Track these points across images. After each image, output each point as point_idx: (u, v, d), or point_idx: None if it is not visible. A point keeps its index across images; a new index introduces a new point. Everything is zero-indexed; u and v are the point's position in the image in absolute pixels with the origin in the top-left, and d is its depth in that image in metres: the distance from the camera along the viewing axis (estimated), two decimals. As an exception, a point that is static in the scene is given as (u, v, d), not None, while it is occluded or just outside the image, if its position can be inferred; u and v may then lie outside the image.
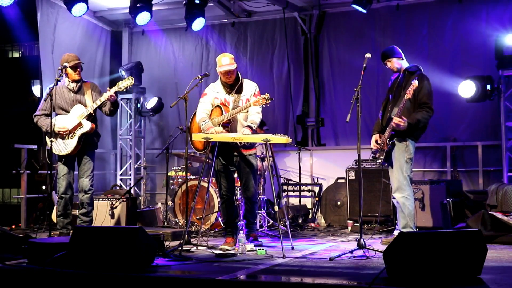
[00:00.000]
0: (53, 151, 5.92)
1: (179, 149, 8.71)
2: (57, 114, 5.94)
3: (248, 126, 5.19)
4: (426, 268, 3.46)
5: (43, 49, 8.45)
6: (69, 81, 5.94)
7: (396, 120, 5.16)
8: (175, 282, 3.74)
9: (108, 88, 5.86)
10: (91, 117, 5.92)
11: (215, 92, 5.42)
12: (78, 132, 5.86)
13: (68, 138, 5.87)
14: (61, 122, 5.87)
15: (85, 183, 5.98)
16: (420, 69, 5.50)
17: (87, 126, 5.87)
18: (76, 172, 6.11)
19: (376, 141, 5.55)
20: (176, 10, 8.81)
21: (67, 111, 5.91)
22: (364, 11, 7.81)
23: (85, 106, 5.92)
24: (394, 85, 5.58)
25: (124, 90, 5.98)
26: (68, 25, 8.71)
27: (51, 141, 5.91)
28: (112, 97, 5.80)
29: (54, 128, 5.82)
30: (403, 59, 5.55)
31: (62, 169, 5.96)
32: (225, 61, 5.26)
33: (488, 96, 7.46)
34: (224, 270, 4.03)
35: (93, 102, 5.91)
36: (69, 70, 5.88)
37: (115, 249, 4.02)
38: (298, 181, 8.12)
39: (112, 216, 6.86)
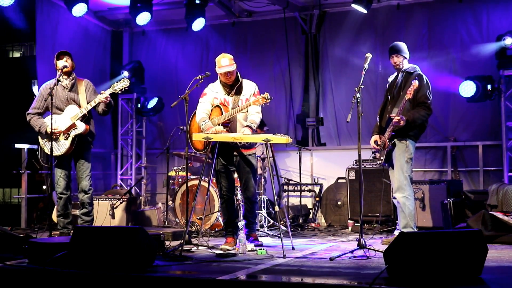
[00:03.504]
0: (46, 151, 5.86)
1: (179, 149, 8.70)
2: (51, 113, 5.80)
3: (248, 126, 5.19)
4: (427, 268, 3.46)
5: (40, 48, 8.45)
6: (63, 78, 5.84)
7: (396, 118, 5.19)
8: (176, 282, 3.74)
9: (102, 91, 5.80)
10: (85, 118, 5.86)
11: (214, 92, 5.41)
12: (72, 133, 5.81)
13: (61, 139, 5.83)
14: (54, 123, 5.73)
15: (84, 183, 5.96)
16: (418, 69, 5.50)
17: (81, 127, 5.81)
18: (73, 172, 6.09)
19: (376, 142, 5.55)
20: (176, 10, 8.81)
21: (62, 110, 5.86)
22: (365, 11, 7.80)
23: (79, 105, 5.85)
24: (393, 86, 5.58)
25: (119, 92, 5.94)
26: (69, 25, 8.71)
27: (44, 141, 5.88)
28: (107, 99, 5.77)
29: (47, 129, 5.76)
30: (407, 60, 5.55)
31: (58, 169, 5.95)
32: (225, 62, 5.25)
33: (488, 96, 7.46)
34: (224, 270, 4.02)
35: (87, 101, 5.85)
36: (58, 63, 5.79)
37: (115, 249, 4.02)
38: (298, 181, 8.12)
39: (113, 216, 6.86)
